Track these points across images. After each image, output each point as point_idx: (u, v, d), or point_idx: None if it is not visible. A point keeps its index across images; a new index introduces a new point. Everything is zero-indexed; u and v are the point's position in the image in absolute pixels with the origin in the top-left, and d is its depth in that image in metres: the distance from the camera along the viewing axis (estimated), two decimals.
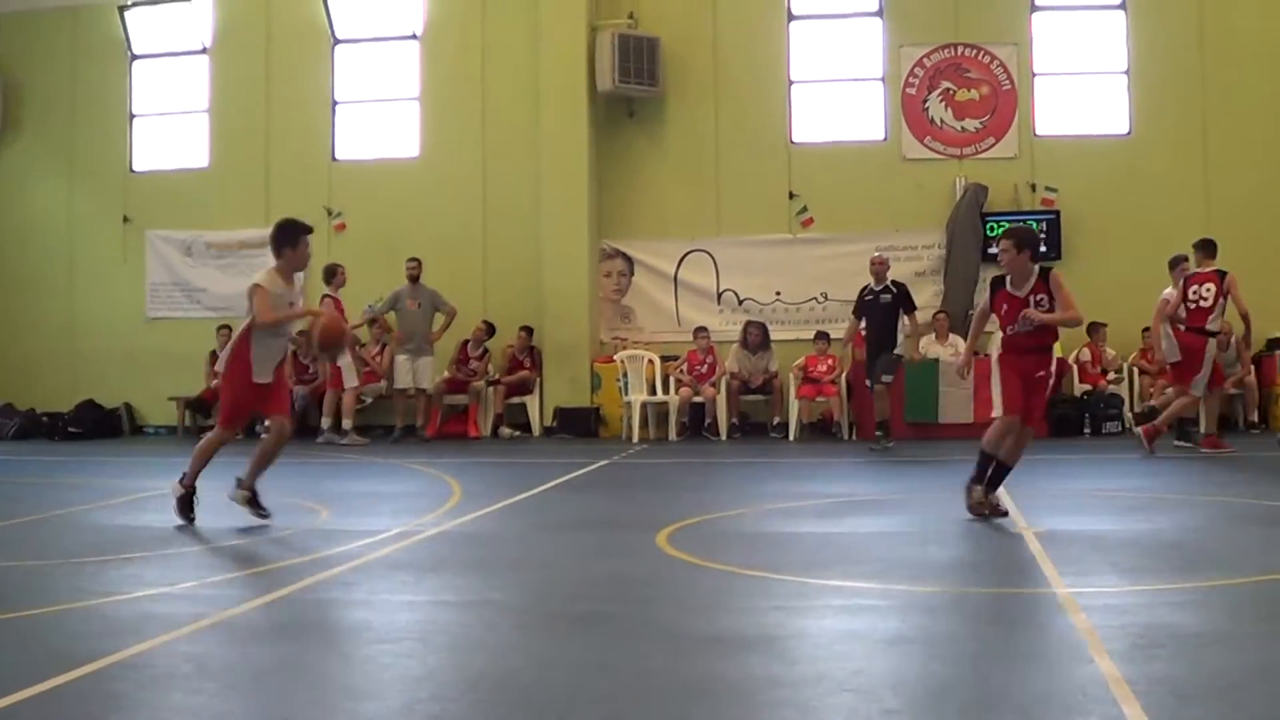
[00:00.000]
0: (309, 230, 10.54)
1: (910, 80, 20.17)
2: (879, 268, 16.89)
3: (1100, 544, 9.10)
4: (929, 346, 18.86)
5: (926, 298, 19.69)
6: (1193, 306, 15.35)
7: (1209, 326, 15.42)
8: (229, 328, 20.70)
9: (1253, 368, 18.62)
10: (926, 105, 20.15)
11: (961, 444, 15.22)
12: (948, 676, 5.75)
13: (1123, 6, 19.99)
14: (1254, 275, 19.05)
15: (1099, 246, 19.50)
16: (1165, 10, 19.82)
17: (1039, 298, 10.14)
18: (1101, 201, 19.59)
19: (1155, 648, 6.09)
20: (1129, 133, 19.93)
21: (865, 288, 16.99)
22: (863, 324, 17.09)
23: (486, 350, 20.25)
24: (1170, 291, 15.96)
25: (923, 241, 19.97)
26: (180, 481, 10.30)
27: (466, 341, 20.10)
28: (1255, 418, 18.55)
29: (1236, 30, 19.65)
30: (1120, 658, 5.84)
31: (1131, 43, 19.92)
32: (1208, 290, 15.37)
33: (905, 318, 16.80)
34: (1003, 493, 10.79)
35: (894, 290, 16.74)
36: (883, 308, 16.75)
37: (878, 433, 16.92)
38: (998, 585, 7.82)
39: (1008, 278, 10.36)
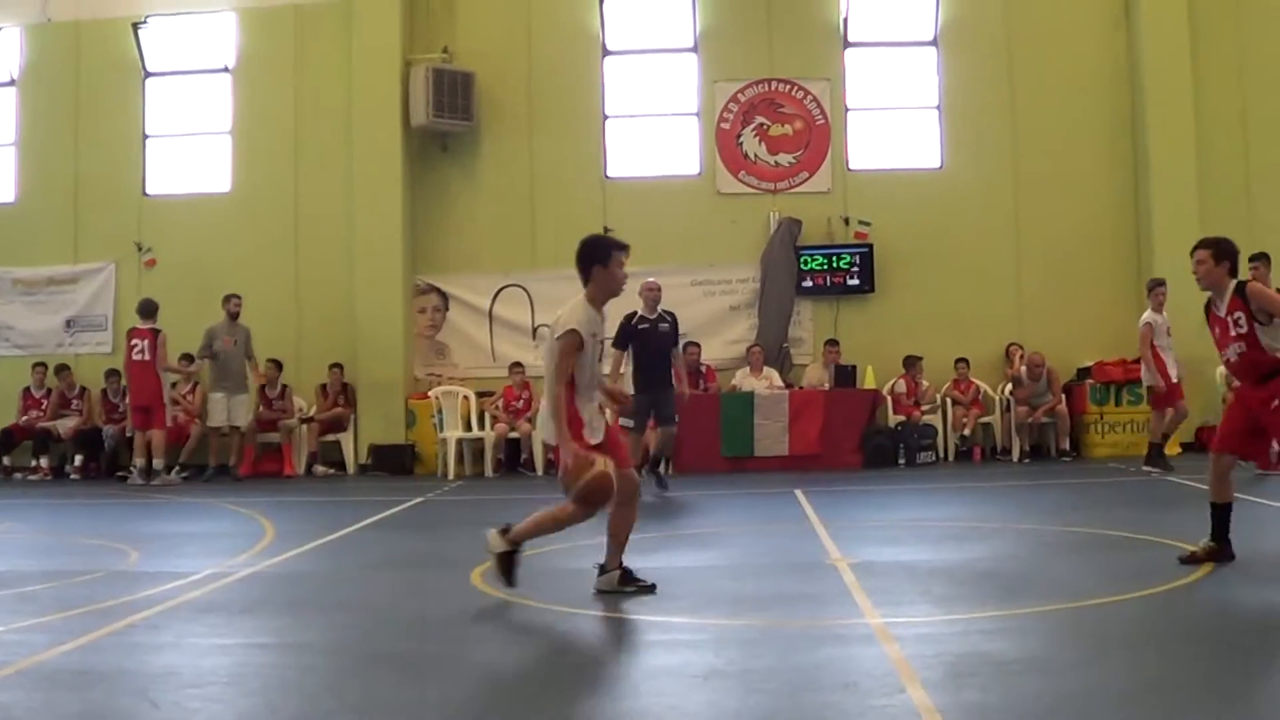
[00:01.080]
0: (624, 247, 8.92)
1: (725, 115, 20.23)
2: (653, 295, 15.44)
3: (914, 574, 9.09)
4: (744, 380, 18.85)
5: (742, 331, 19.78)
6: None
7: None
8: (44, 365, 20.16)
9: (1064, 396, 18.94)
10: (741, 140, 20.22)
11: (777, 476, 15.27)
12: (762, 710, 5.67)
13: (934, 43, 20.30)
14: (1062, 305, 19.55)
15: (912, 279, 19.72)
16: (975, 46, 20.18)
17: (1236, 316, 8.78)
18: (914, 235, 19.81)
19: (967, 676, 6.05)
20: (941, 166, 20.23)
21: (635, 316, 15.28)
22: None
23: (285, 387, 19.80)
24: (1151, 316, 16.14)
25: (737, 275, 19.99)
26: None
27: (263, 385, 19.66)
28: (1066, 445, 18.85)
29: (1044, 65, 20.08)
30: (933, 687, 5.80)
31: (943, 78, 20.23)
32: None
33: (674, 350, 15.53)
34: (817, 524, 10.76)
35: (669, 319, 15.44)
36: (660, 337, 15.28)
37: (661, 472, 15.88)
38: (812, 617, 7.72)
39: (1212, 297, 9.07)
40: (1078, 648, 6.80)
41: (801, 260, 19.53)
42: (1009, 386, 19.16)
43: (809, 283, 19.36)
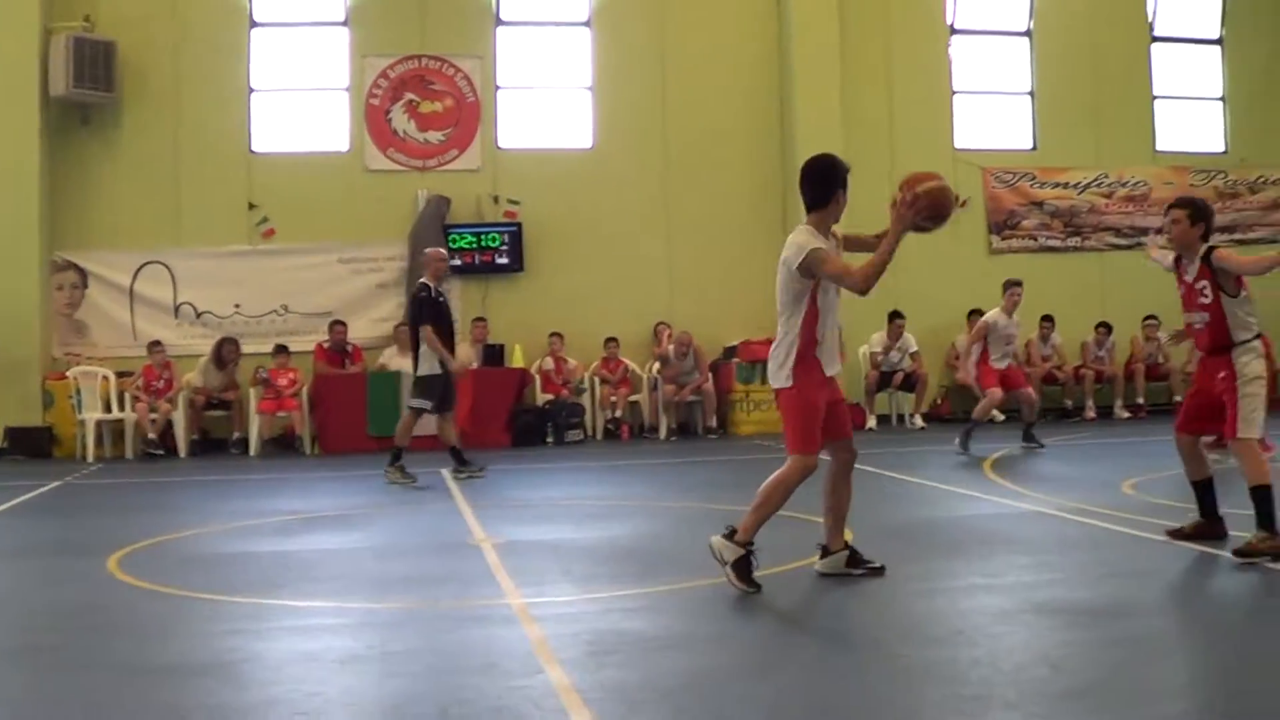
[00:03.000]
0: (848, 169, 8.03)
1: (374, 91, 19.91)
2: (444, 266, 14.50)
3: (557, 553, 9.12)
4: (391, 359, 18.65)
5: (389, 309, 19.54)
6: None
7: None
8: None
9: (710, 374, 19.34)
10: (390, 116, 19.93)
11: (425, 456, 15.14)
12: (401, 694, 5.60)
13: (588, 24, 20.44)
14: (710, 285, 19.98)
15: (562, 258, 19.83)
16: (628, 28, 20.41)
17: (1202, 285, 8.47)
18: (564, 214, 19.92)
19: (607, 654, 6.09)
20: (592, 146, 20.37)
21: (430, 288, 14.06)
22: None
23: None
24: (996, 315, 15.84)
25: (385, 253, 19.71)
26: None
27: None
28: (713, 423, 19.26)
29: (696, 48, 20.47)
30: (572, 666, 5.82)
31: (595, 58, 20.37)
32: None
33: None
34: (463, 504, 10.70)
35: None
36: (449, 311, 14.57)
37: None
38: (455, 598, 7.63)
39: (1182, 258, 8.71)
40: (716, 623, 6.92)
41: (450, 239, 19.39)
42: (656, 365, 19.47)
43: (457, 261, 19.22)
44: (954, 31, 21.52)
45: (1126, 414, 20.04)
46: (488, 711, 5.25)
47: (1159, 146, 22.23)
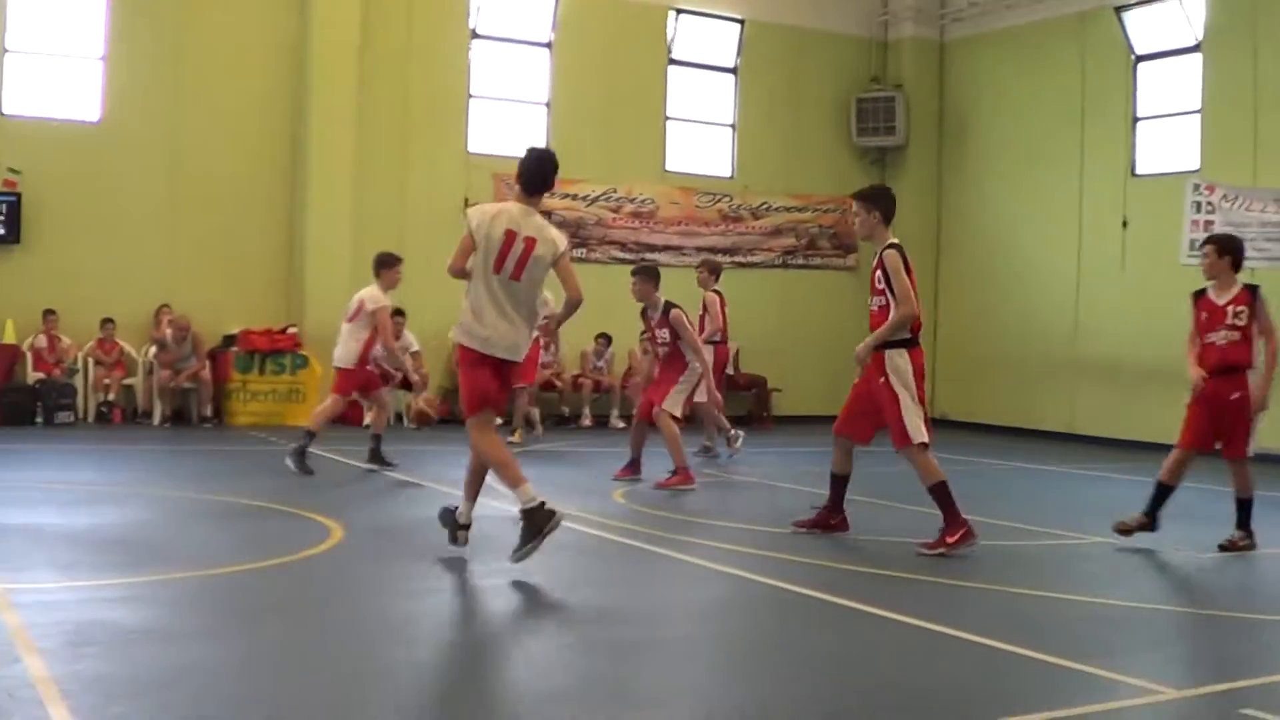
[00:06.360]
0: None
1: None
2: None
3: (40, 538, 8.96)
4: None
5: None
6: None
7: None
8: None
9: (209, 362, 19.08)
10: None
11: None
12: None
13: None
14: (214, 271, 19.72)
15: (63, 233, 19.04)
16: (143, 3, 19.83)
17: (1239, 310, 10.08)
18: (68, 188, 19.14)
19: (87, 645, 6.10)
20: (100, 119, 19.69)
21: None
22: None
23: None
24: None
25: None
26: None
27: None
28: (209, 411, 19.01)
29: (216, 29, 20.01)
30: (50, 656, 5.81)
31: (110, 27, 19.55)
32: None
33: None
34: None
35: None
36: None
37: None
38: None
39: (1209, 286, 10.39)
40: (201, 616, 7.01)
41: None
42: (153, 349, 19.06)
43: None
44: (475, 35, 21.89)
45: (622, 424, 20.95)
46: None
47: (668, 166, 23.36)
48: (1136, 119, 21.46)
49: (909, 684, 6.14)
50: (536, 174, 8.91)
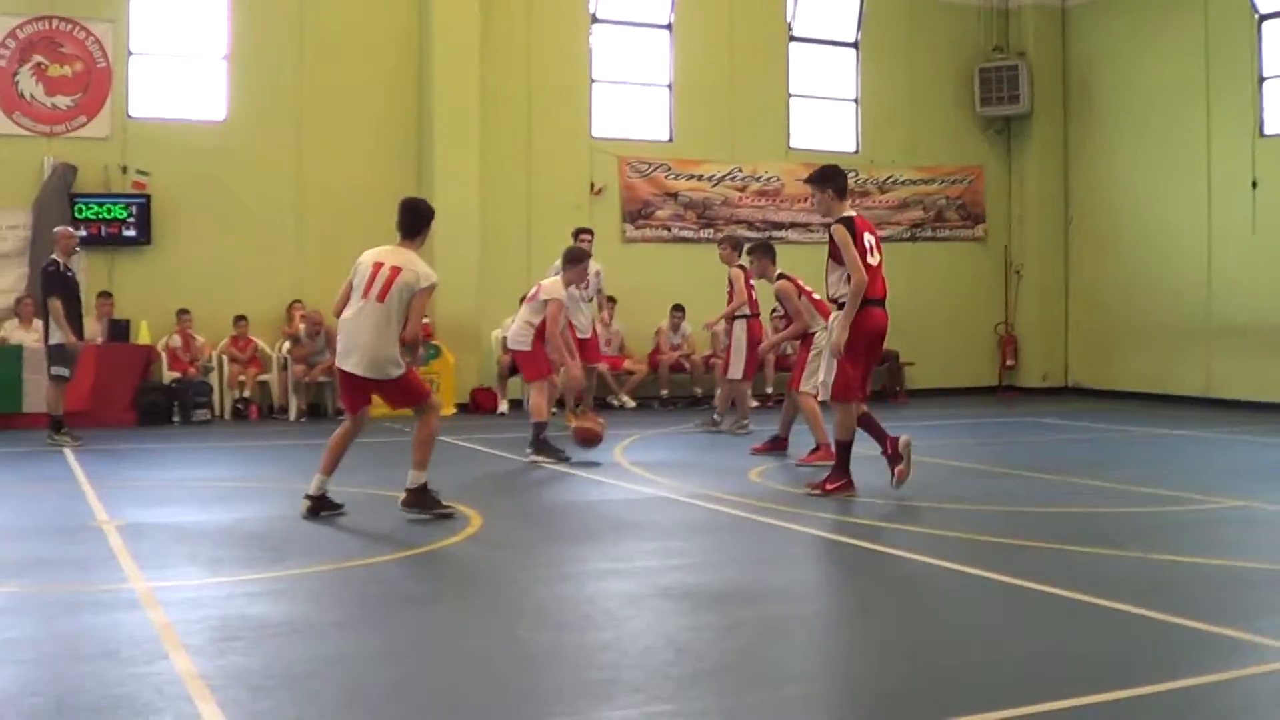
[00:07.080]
0: None
1: (1, 52, 19.03)
2: (73, 243, 15.69)
3: (182, 535, 9.03)
4: (13, 332, 17.90)
5: (11, 280, 18.66)
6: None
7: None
8: None
9: None
10: (17, 79, 19.06)
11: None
12: (18, 683, 5.49)
13: None
14: (342, 265, 19.68)
15: (193, 232, 19.30)
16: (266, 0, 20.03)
17: None
18: (195, 187, 19.38)
19: (232, 640, 6.10)
20: (226, 118, 19.90)
21: (56, 264, 15.23)
22: None
23: None
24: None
25: (8, 222, 18.78)
26: None
27: None
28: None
29: (335, 23, 20.18)
30: (196, 652, 5.82)
31: (232, 27, 19.82)
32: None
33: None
34: (85, 485, 10.45)
35: None
36: (76, 285, 15.72)
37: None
38: (76, 582, 7.50)
39: None
40: (344, 608, 7.00)
41: (76, 209, 18.71)
42: (287, 344, 19.23)
43: (83, 232, 18.51)
44: (595, 20, 21.87)
45: (755, 402, 20.75)
46: (107, 700, 5.19)
47: (792, 144, 23.15)
48: (1263, 78, 20.85)
49: (1056, 652, 5.99)
50: (407, 221, 9.97)
